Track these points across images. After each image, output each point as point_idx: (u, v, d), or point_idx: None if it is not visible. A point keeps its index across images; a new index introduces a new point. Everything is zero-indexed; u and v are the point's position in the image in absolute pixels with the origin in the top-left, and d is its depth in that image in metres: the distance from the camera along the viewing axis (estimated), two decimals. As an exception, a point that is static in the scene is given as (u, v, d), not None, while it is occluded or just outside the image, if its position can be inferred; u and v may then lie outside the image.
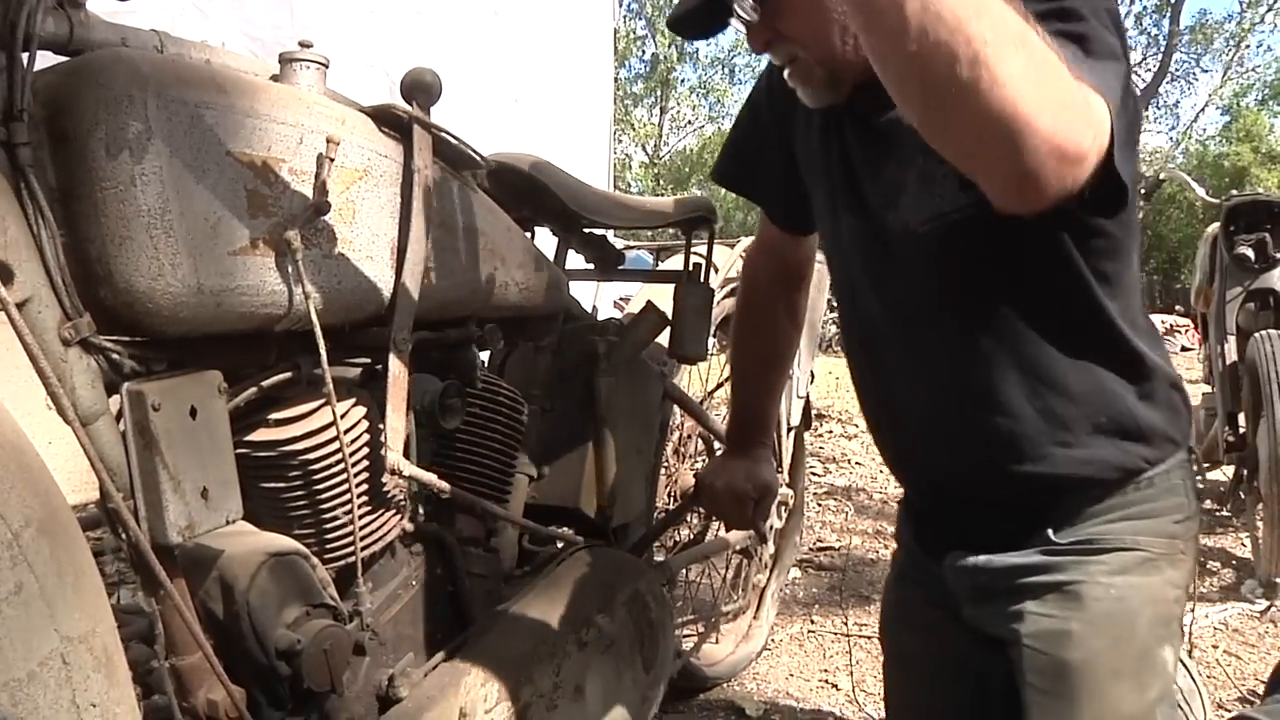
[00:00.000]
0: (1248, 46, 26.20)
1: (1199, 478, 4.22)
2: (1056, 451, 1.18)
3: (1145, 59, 27.05)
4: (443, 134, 1.37)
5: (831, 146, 1.32)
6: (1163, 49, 26.59)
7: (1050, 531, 1.21)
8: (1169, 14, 26.27)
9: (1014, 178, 0.85)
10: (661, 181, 29.65)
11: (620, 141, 27.52)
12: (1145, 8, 26.72)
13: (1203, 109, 27.50)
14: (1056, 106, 0.82)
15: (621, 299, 5.12)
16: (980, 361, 1.19)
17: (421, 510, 1.41)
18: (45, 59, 0.99)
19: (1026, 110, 0.80)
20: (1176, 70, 27.17)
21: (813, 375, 2.85)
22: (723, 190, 1.67)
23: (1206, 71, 27.46)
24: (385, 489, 1.30)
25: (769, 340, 1.70)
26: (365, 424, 1.28)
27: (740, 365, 1.74)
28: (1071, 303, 1.15)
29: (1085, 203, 0.91)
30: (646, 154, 30.68)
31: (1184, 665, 1.94)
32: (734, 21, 1.20)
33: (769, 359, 1.71)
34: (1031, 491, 1.21)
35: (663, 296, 2.06)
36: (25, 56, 0.92)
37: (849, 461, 5.84)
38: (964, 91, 0.79)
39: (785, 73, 1.23)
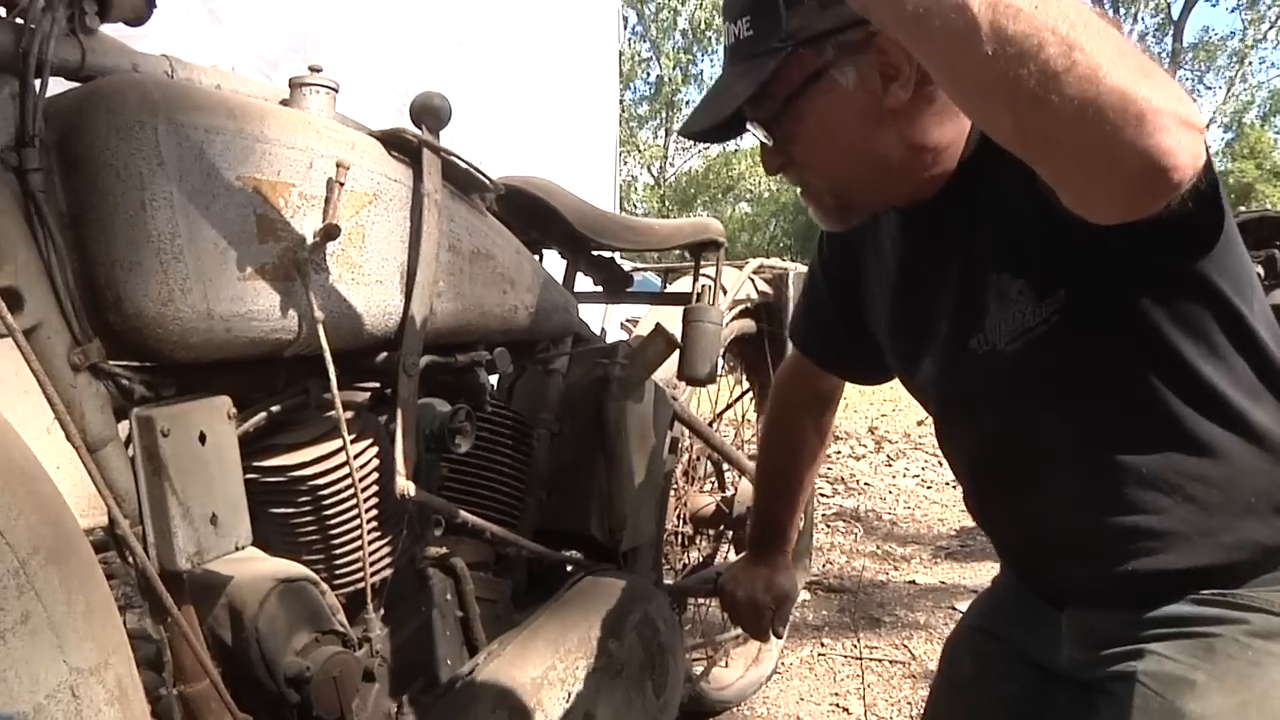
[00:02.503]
0: (1250, 64, 26.27)
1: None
2: (1205, 542, 1.09)
3: (1149, 77, 27.11)
4: (452, 158, 1.37)
5: (897, 282, 1.30)
6: (1166, 66, 26.63)
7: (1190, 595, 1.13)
8: (1172, 32, 26.34)
9: (1147, 165, 0.75)
10: (667, 202, 29.71)
11: (626, 163, 27.59)
12: (1148, 26, 26.84)
13: (1207, 125, 27.48)
14: (1160, 79, 0.74)
15: (629, 319, 5.12)
16: (1105, 469, 1.12)
17: (431, 535, 1.40)
18: (57, 84, 0.99)
19: (1138, 88, 0.72)
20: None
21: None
22: (728, 213, 1.69)
23: (1210, 89, 27.55)
24: (394, 514, 1.30)
25: (795, 456, 1.68)
26: (374, 449, 1.27)
27: (765, 476, 1.74)
28: (1180, 388, 1.07)
29: (1178, 235, 0.89)
30: (652, 175, 30.76)
31: None
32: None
33: (794, 473, 1.70)
34: (1179, 582, 1.13)
35: (671, 318, 2.06)
36: (37, 83, 0.93)
37: (857, 482, 5.82)
38: (1063, 83, 0.72)
39: (799, 196, 1.24)
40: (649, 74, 28.75)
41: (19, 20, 0.96)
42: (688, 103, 29.80)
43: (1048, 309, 1.08)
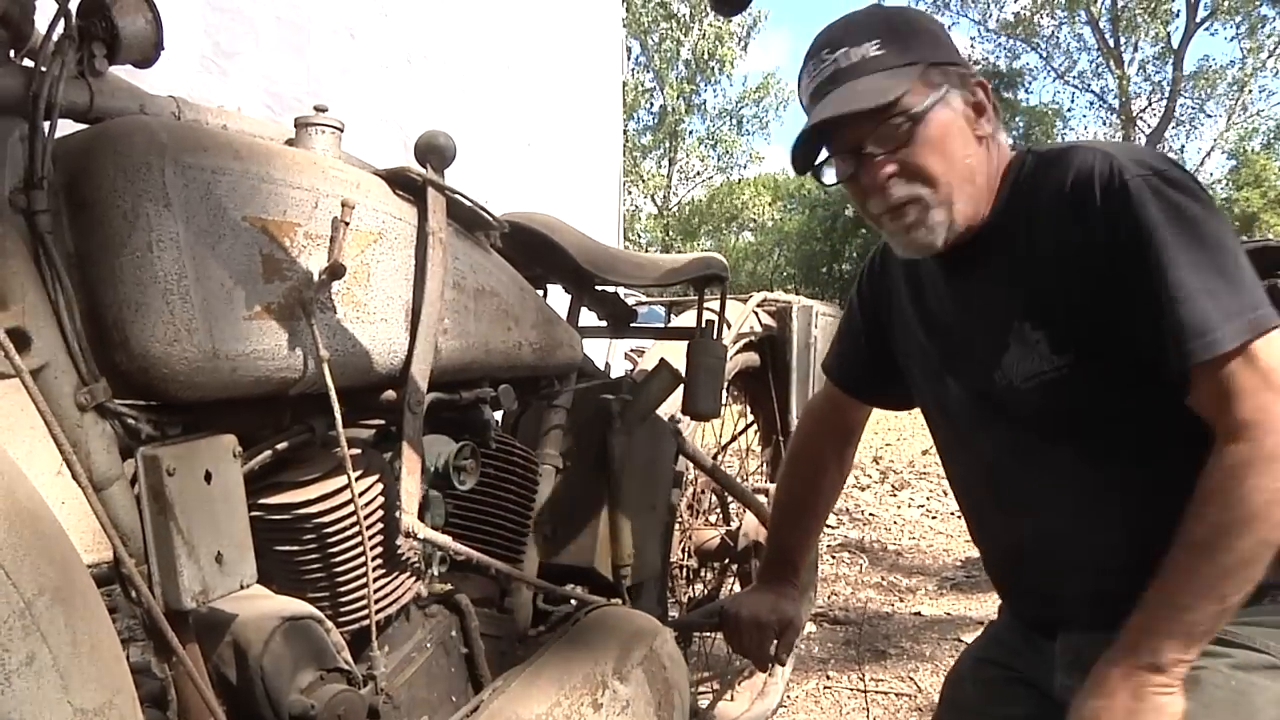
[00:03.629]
0: (1250, 91, 26.35)
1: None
2: None
3: (1150, 105, 27.26)
4: (456, 196, 1.38)
5: (930, 314, 1.44)
6: (1167, 95, 26.76)
7: None
8: (1172, 60, 26.46)
9: None
10: (671, 232, 29.82)
11: (629, 193, 27.73)
12: (1149, 55, 26.96)
13: (1208, 154, 27.61)
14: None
15: (634, 351, 5.12)
16: (1102, 499, 1.28)
17: (436, 572, 1.40)
18: (66, 126, 1.00)
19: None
20: (1181, 116, 27.35)
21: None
22: (732, 243, 1.74)
23: (1210, 117, 27.65)
24: (400, 551, 1.29)
25: (814, 489, 1.75)
26: (380, 486, 1.27)
27: (782, 506, 1.78)
28: (1176, 434, 1.19)
29: None
30: (656, 205, 30.86)
31: None
32: (838, 167, 1.32)
33: (811, 505, 1.76)
34: None
35: (675, 352, 2.06)
36: (46, 125, 0.94)
37: (862, 514, 5.80)
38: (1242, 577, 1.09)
39: (891, 216, 1.30)
40: (652, 104, 28.90)
41: (28, 63, 0.97)
42: (690, 132, 29.98)
43: (1060, 361, 1.25)
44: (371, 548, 1.24)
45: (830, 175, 1.34)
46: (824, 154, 1.34)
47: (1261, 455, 1.07)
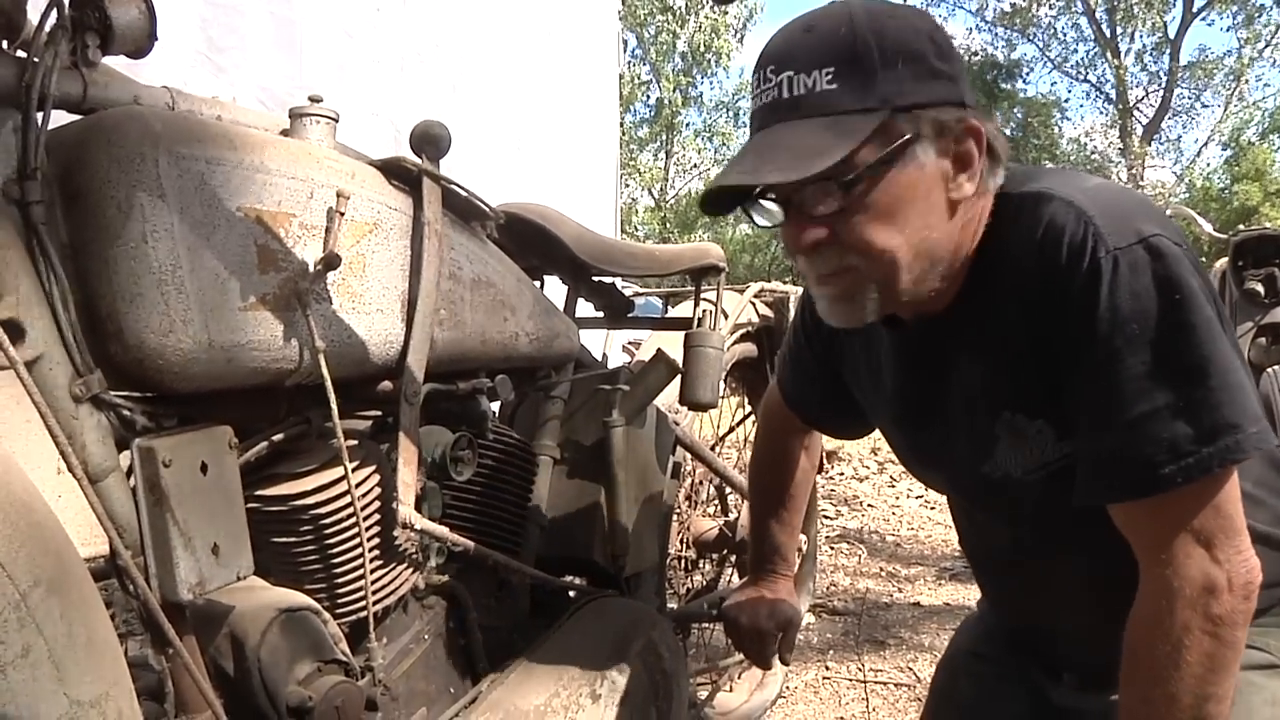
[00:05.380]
0: (1247, 81, 26.33)
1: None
2: None
3: (1147, 95, 27.26)
4: (452, 186, 1.37)
5: (883, 373, 1.30)
6: (1164, 85, 26.76)
7: None
8: (1169, 50, 26.45)
9: None
10: (668, 225, 29.77)
11: (626, 186, 27.64)
12: (1145, 45, 26.95)
13: (1205, 144, 27.56)
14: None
15: (631, 343, 5.12)
16: (1113, 584, 1.11)
17: (433, 563, 1.40)
18: (59, 117, 1.00)
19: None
20: (1178, 106, 27.34)
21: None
22: (729, 234, 1.69)
23: (1207, 107, 27.62)
24: (397, 542, 1.29)
25: (786, 475, 1.69)
26: (376, 477, 1.27)
27: (758, 497, 1.75)
28: None
29: None
30: (653, 198, 30.79)
31: None
32: (769, 209, 1.09)
33: (786, 492, 1.70)
34: None
35: (673, 343, 2.06)
36: (40, 116, 0.93)
37: (861, 504, 5.80)
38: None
39: (818, 281, 1.11)
40: (649, 97, 28.82)
41: (21, 54, 0.97)
42: (687, 125, 29.92)
43: (1067, 448, 1.09)
44: (369, 539, 1.24)
45: (760, 218, 1.11)
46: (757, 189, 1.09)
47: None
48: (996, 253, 1.11)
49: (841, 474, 6.72)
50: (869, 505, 5.80)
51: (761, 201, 1.09)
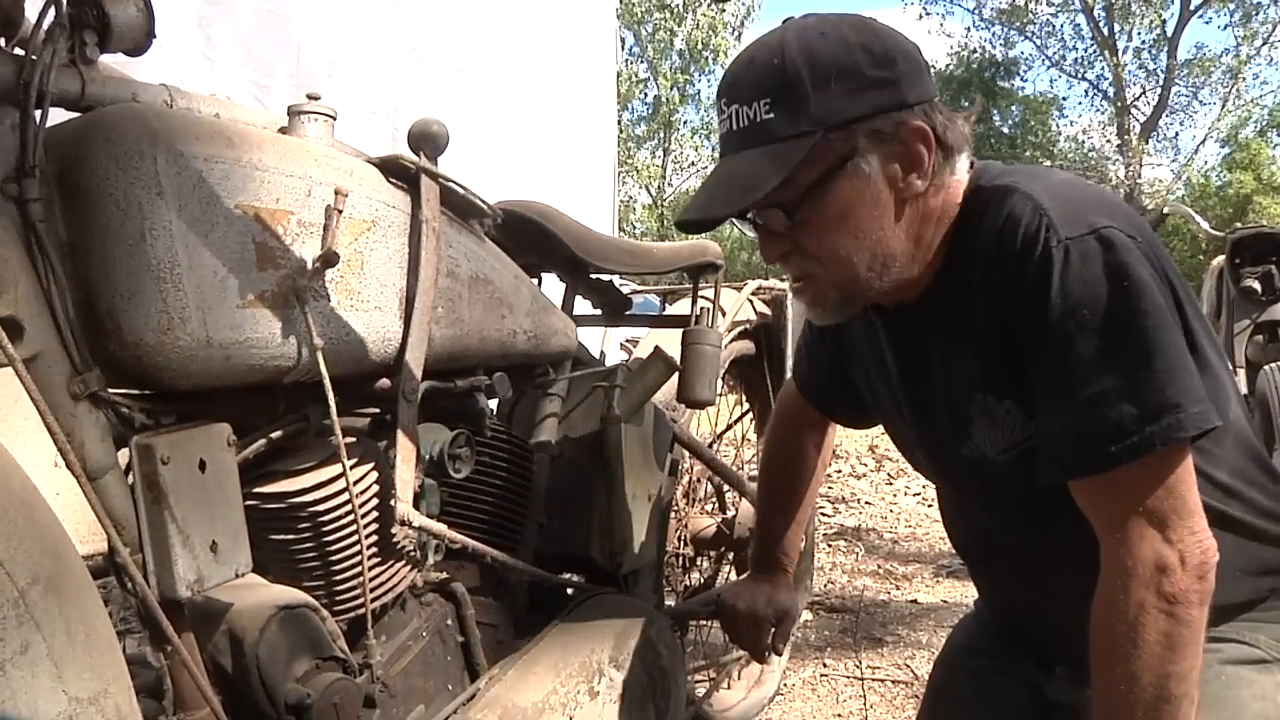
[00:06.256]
0: (1244, 79, 26.33)
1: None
2: None
3: (1144, 92, 27.24)
4: (450, 184, 1.37)
5: (884, 362, 1.34)
6: (1161, 83, 26.75)
7: None
8: (1166, 48, 26.45)
9: None
10: (666, 223, 29.74)
11: (624, 184, 27.62)
12: (1143, 42, 26.93)
13: (1203, 141, 27.54)
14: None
15: (629, 340, 5.12)
16: (1099, 562, 1.14)
17: (431, 560, 1.40)
18: (57, 115, 1.00)
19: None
20: (1175, 103, 27.32)
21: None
22: (727, 232, 1.70)
23: (1205, 104, 27.61)
24: (395, 540, 1.29)
25: (797, 474, 1.72)
26: (374, 475, 1.27)
27: (766, 491, 1.76)
28: None
29: None
30: (650, 195, 30.77)
31: None
32: (747, 226, 1.20)
33: (794, 488, 1.72)
34: None
35: (670, 340, 2.06)
36: (38, 114, 0.93)
37: (858, 501, 5.81)
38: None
39: (793, 287, 1.22)
40: (646, 94, 28.80)
41: (19, 51, 0.97)
42: (685, 123, 29.88)
43: (1034, 427, 1.13)
44: (367, 536, 1.24)
45: (745, 230, 1.23)
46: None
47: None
48: (966, 243, 1.16)
49: (839, 471, 6.73)
50: (866, 503, 5.80)
51: (734, 221, 1.19)
